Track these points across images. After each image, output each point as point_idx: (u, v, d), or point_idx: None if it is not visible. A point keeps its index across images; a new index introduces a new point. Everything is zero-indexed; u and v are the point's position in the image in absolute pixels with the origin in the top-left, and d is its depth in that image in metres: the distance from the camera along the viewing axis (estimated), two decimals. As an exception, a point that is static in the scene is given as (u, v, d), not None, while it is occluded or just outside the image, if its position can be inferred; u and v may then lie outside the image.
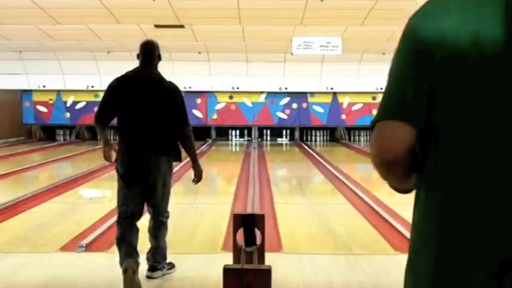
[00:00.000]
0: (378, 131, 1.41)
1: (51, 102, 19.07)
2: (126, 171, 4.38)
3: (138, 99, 4.35)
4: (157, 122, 4.37)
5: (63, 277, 4.64)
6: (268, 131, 20.22)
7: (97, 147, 16.39)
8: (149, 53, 4.47)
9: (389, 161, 1.41)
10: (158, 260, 4.54)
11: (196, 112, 19.10)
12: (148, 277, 4.46)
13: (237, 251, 3.85)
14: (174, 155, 4.53)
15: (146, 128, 4.36)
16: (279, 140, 20.17)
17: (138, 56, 4.50)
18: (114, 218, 6.17)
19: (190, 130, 4.57)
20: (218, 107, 19.16)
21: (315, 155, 14.68)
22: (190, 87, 18.61)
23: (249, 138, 19.65)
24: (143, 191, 4.42)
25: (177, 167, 11.74)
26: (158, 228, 4.55)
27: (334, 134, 20.10)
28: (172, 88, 4.51)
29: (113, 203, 4.01)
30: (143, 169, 4.37)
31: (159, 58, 4.55)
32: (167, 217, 4.63)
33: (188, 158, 4.73)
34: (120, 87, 4.41)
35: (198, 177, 4.73)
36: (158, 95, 4.39)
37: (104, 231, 5.88)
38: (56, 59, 17.80)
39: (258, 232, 4.00)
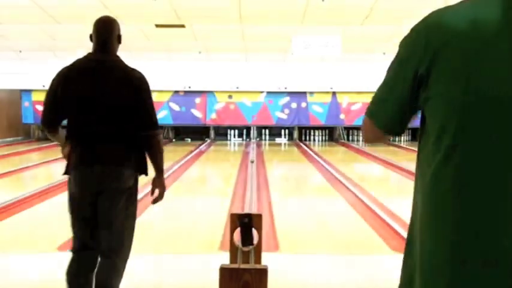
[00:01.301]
0: (363, 122, 1.69)
1: (50, 101, 19.06)
2: (81, 188, 3.37)
3: (92, 94, 3.32)
4: (120, 124, 3.35)
5: (62, 276, 4.65)
6: (267, 131, 20.22)
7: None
8: (105, 32, 3.41)
9: (368, 142, 1.81)
10: None
11: (195, 112, 19.11)
12: None
13: (233, 250, 3.85)
14: (141, 167, 3.48)
15: (105, 131, 3.34)
16: (278, 139, 20.16)
17: (90, 37, 3.45)
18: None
19: (160, 134, 3.54)
20: (217, 106, 19.17)
21: (313, 154, 14.69)
22: (189, 87, 18.63)
23: (247, 141, 19.60)
24: (95, 217, 3.41)
25: (175, 167, 11.78)
26: (108, 273, 3.44)
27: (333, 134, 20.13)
28: (137, 77, 3.41)
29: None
30: (101, 186, 3.34)
31: (119, 40, 3.50)
32: (124, 260, 3.49)
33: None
34: (67, 80, 3.39)
35: (159, 195, 3.60)
36: (119, 86, 3.35)
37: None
38: (56, 58, 17.80)
39: (255, 232, 4.01)
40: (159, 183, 3.56)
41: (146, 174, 3.50)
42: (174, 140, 19.72)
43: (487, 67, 1.40)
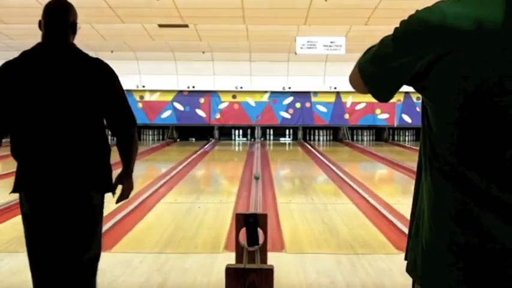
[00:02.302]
0: (352, 71, 1.74)
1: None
2: (36, 213, 2.79)
3: (45, 92, 2.72)
4: (84, 128, 2.78)
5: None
6: (271, 131, 20.23)
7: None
8: (57, 18, 2.83)
9: (353, 88, 1.76)
10: None
11: (199, 112, 19.12)
12: None
13: (239, 250, 3.85)
14: (108, 184, 2.92)
15: (62, 140, 2.75)
16: (282, 139, 20.16)
17: (39, 23, 2.89)
18: (116, 218, 6.19)
19: (135, 132, 2.99)
20: (221, 106, 19.18)
21: (318, 154, 14.67)
22: (193, 87, 18.65)
23: (252, 141, 19.58)
24: (57, 248, 2.81)
25: (179, 167, 11.79)
26: None
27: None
28: (103, 66, 2.84)
29: (114, 203, 3.48)
30: (61, 213, 2.76)
31: (74, 29, 2.87)
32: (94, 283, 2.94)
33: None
34: (10, 76, 2.77)
35: (125, 194, 3.08)
36: (79, 80, 2.74)
37: (106, 230, 5.88)
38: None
39: (260, 232, 4.00)
40: (126, 179, 3.03)
41: (113, 191, 2.97)
42: (178, 140, 19.73)
43: (489, 68, 1.41)
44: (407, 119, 18.92)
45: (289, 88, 18.74)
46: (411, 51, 1.49)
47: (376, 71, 1.61)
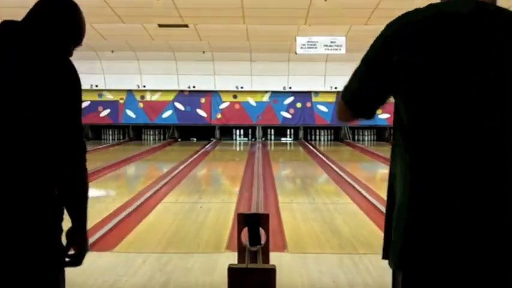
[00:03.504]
0: (337, 104, 1.85)
1: (55, 101, 19.07)
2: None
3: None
4: (24, 139, 1.91)
5: (67, 276, 4.64)
6: (273, 131, 20.22)
7: (100, 146, 16.42)
8: (47, 8, 2.16)
9: (340, 121, 1.92)
10: None
11: (200, 112, 19.12)
12: None
13: (241, 250, 3.85)
14: (56, 216, 2.13)
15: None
16: (283, 139, 20.16)
17: None
18: (119, 217, 6.20)
19: (85, 162, 2.06)
20: (222, 106, 19.18)
21: (319, 154, 14.67)
22: (194, 87, 18.65)
23: (253, 141, 19.57)
24: None
25: (181, 167, 11.80)
26: None
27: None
28: (63, 70, 1.99)
29: (117, 203, 3.36)
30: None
31: (70, 31, 2.24)
32: None
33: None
34: None
35: (78, 254, 2.22)
36: (29, 76, 1.91)
37: (108, 230, 5.89)
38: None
39: (262, 231, 4.00)
40: (78, 238, 2.18)
41: (61, 228, 2.15)
42: (179, 139, 19.74)
43: (451, 61, 1.51)
44: (408, 118, 18.89)
45: (290, 88, 18.74)
46: (383, 55, 1.66)
47: (359, 98, 1.74)
